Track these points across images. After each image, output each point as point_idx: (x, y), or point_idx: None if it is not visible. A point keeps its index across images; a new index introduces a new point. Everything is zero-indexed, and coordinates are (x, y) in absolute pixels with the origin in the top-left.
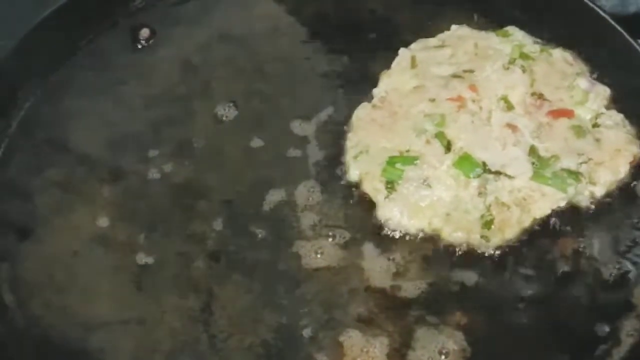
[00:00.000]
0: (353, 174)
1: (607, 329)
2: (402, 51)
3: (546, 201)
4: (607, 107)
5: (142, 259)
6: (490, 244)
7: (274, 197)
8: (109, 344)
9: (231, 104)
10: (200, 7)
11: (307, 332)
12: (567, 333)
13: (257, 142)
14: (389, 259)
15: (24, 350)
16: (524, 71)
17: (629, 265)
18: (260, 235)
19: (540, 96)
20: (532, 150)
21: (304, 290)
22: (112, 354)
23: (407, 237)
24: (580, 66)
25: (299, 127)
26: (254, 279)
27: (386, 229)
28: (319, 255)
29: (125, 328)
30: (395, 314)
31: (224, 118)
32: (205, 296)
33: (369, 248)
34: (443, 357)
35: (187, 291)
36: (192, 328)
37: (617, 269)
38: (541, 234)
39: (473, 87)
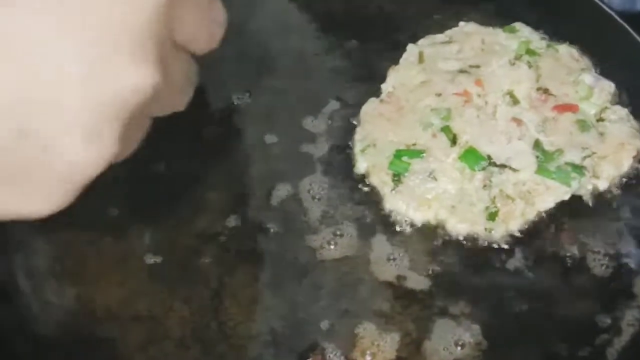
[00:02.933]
0: (361, 167)
1: (608, 319)
2: (410, 47)
3: (550, 194)
4: (612, 102)
5: (151, 256)
6: (494, 236)
7: (282, 190)
8: (120, 330)
9: (243, 98)
10: None
11: (323, 324)
12: (569, 323)
13: (267, 137)
14: (397, 251)
15: (36, 335)
16: (529, 67)
17: (630, 256)
18: (272, 230)
19: (546, 91)
20: (537, 144)
21: (314, 282)
22: (123, 341)
23: (414, 229)
24: (585, 62)
25: (308, 122)
26: (264, 270)
27: (393, 220)
28: (332, 246)
29: (136, 315)
30: (406, 306)
31: (236, 111)
32: (216, 285)
33: (378, 240)
34: (459, 348)
35: (197, 282)
36: (202, 316)
37: (619, 260)
38: (544, 226)
39: (479, 82)
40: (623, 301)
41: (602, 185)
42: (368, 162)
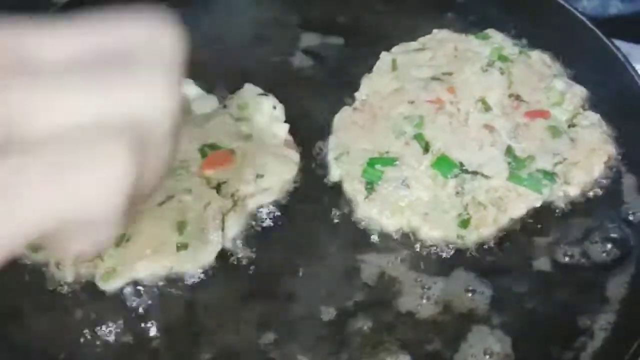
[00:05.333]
0: (334, 175)
1: (582, 323)
2: (383, 54)
3: (522, 201)
4: (584, 108)
5: None
6: (467, 243)
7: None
8: (93, 341)
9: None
10: (188, 14)
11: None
12: (543, 329)
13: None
14: (373, 262)
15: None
16: (502, 73)
17: (602, 261)
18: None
19: (518, 97)
20: (509, 151)
21: (291, 292)
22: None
23: (387, 237)
24: (557, 68)
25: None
26: (239, 281)
27: (367, 228)
28: (310, 257)
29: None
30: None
31: None
32: (190, 296)
33: (353, 249)
34: None
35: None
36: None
37: (591, 265)
38: (517, 232)
39: (451, 89)
40: (596, 306)
41: (573, 191)
42: (342, 170)
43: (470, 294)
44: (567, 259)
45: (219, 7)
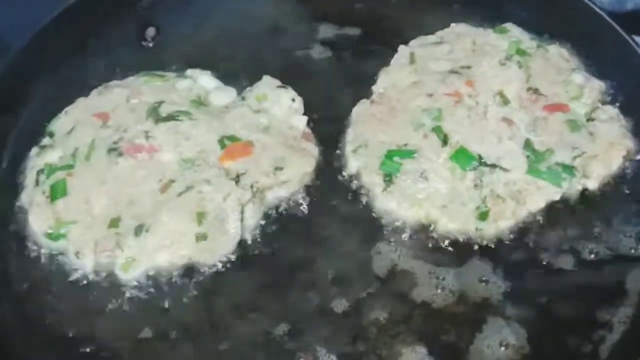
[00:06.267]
0: (352, 167)
1: (601, 316)
2: (401, 48)
3: (541, 194)
4: (603, 102)
5: None
6: (485, 235)
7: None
8: (112, 331)
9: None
10: (203, 6)
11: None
12: (560, 321)
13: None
14: (390, 253)
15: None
16: (520, 67)
17: (620, 255)
18: (267, 231)
19: (536, 91)
20: (528, 144)
21: (308, 284)
22: (117, 341)
23: (402, 229)
24: (575, 61)
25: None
26: (258, 272)
27: (384, 221)
28: (330, 250)
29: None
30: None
31: None
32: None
33: (370, 241)
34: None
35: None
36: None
37: (609, 259)
38: (536, 225)
39: (470, 83)
40: (615, 299)
41: (592, 184)
42: (359, 162)
43: (484, 284)
44: (585, 252)
45: (236, 0)
